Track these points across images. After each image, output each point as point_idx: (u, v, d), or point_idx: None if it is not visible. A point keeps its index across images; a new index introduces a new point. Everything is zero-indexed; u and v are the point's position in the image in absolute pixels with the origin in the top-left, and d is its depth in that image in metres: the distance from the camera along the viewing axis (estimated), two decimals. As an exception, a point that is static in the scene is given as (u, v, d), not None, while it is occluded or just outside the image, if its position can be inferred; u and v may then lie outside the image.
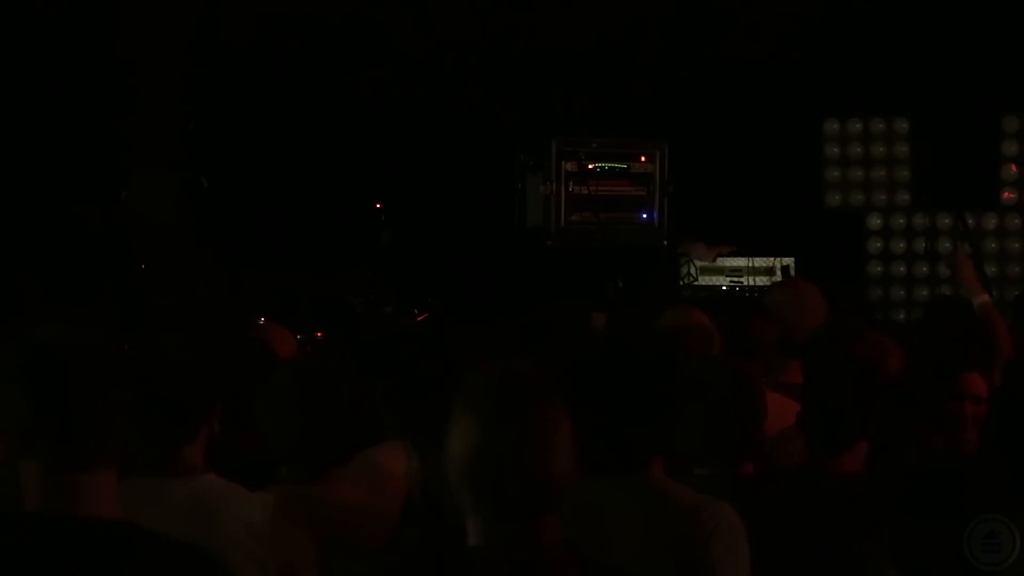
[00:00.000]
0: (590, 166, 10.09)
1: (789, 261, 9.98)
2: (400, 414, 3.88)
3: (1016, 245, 9.80)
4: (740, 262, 10.10)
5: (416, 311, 9.48)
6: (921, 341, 5.05)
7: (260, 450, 3.68)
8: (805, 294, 5.85)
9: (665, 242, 10.22)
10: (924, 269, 9.98)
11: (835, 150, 10.17)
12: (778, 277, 9.73)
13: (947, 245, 9.90)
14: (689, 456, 3.64)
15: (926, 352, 4.69)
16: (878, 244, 10.09)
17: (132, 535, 2.56)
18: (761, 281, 9.89)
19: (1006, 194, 9.89)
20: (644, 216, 10.24)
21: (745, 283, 10.03)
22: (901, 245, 10.05)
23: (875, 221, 10.10)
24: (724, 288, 10.03)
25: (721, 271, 10.10)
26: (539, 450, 2.68)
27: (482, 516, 2.70)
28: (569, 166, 10.04)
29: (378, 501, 3.66)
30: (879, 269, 10.08)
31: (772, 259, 10.02)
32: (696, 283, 10.07)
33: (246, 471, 3.46)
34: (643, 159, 10.25)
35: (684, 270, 10.10)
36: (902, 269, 10.04)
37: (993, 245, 9.69)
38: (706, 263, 10.11)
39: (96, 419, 2.58)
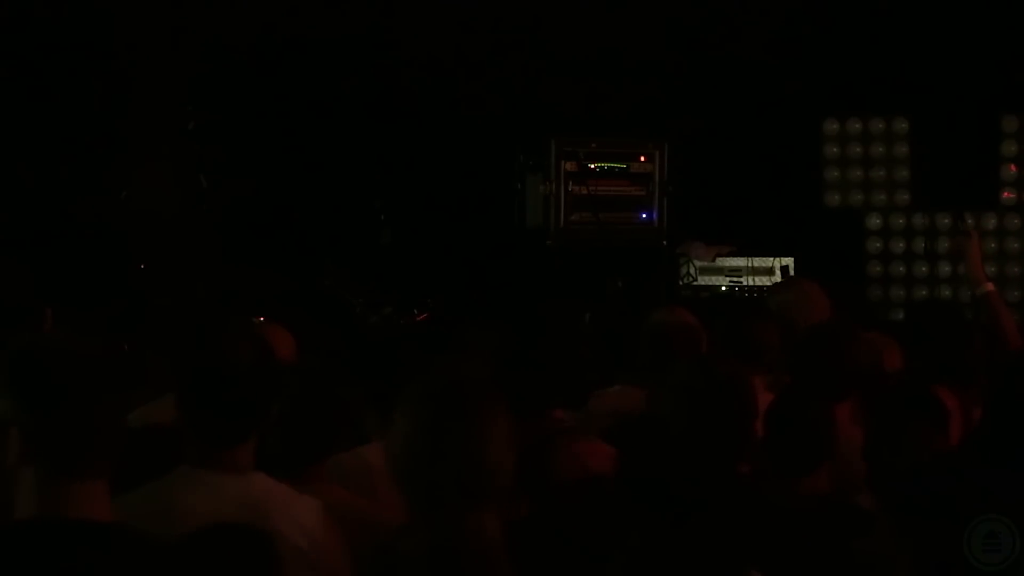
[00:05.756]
0: (590, 166, 10.09)
1: (789, 261, 9.97)
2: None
3: (1016, 245, 9.78)
4: (740, 262, 10.10)
5: (416, 311, 9.48)
6: (917, 347, 5.01)
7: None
8: (811, 294, 5.84)
9: (665, 242, 10.20)
10: (924, 269, 9.96)
11: (834, 150, 10.15)
12: (778, 277, 9.72)
13: (947, 245, 9.89)
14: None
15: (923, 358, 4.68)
16: (877, 244, 10.07)
17: (124, 537, 2.57)
18: (761, 281, 9.88)
19: (1006, 194, 9.86)
20: (644, 216, 10.23)
21: (745, 283, 10.02)
22: (901, 245, 10.03)
23: (874, 221, 10.09)
24: (724, 288, 10.03)
25: (721, 271, 10.10)
26: (473, 445, 2.81)
27: (414, 507, 2.86)
28: (569, 166, 10.02)
29: (363, 501, 3.67)
30: (879, 269, 10.06)
31: (772, 259, 10.01)
32: (696, 283, 10.06)
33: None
34: (643, 159, 10.24)
35: (684, 270, 10.09)
36: (902, 269, 10.02)
37: (993, 245, 9.66)
38: (706, 263, 10.10)
39: (90, 425, 2.60)
